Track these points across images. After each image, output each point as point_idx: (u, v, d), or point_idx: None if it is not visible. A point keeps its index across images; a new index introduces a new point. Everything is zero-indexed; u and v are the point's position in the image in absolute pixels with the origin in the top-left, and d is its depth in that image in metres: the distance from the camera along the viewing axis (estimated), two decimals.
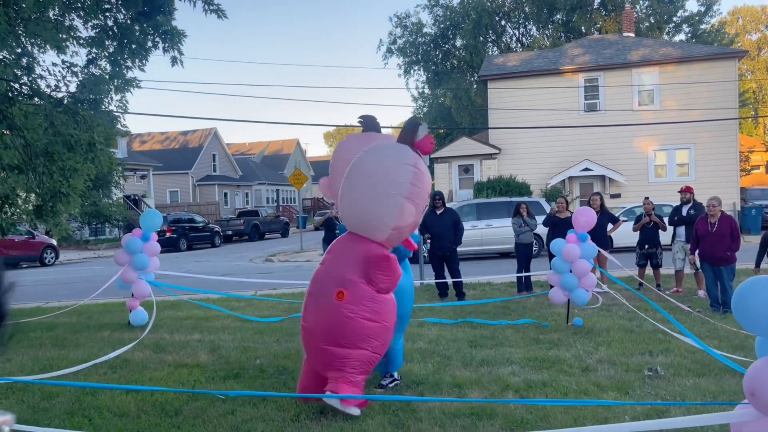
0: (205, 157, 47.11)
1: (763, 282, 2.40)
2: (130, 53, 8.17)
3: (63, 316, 9.31)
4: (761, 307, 2.36)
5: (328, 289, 4.54)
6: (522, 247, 10.49)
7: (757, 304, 2.37)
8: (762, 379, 2.25)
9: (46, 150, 9.49)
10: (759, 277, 2.44)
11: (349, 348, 4.41)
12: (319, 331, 4.50)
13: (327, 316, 4.47)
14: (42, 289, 14.74)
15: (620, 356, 6.03)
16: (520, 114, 24.26)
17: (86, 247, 30.80)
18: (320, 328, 4.50)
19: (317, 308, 4.56)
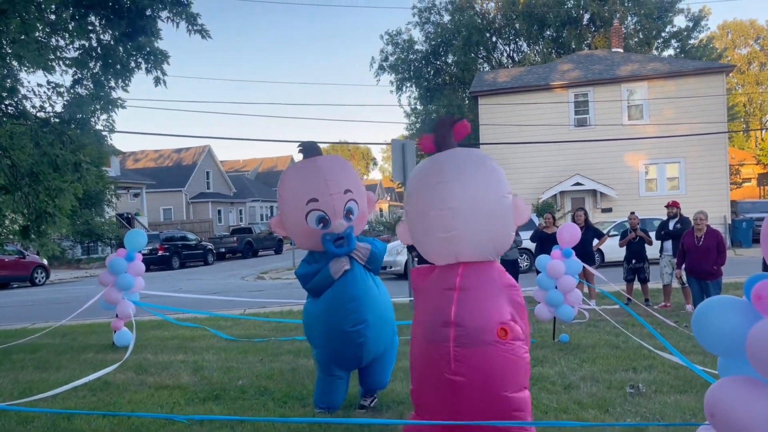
0: (198, 174, 47.11)
1: (723, 302, 2.39)
2: (114, 74, 8.19)
3: (47, 337, 9.23)
4: (722, 327, 2.35)
5: (479, 329, 3.66)
6: (508, 263, 10.43)
7: (717, 325, 2.37)
8: (721, 400, 2.23)
9: (32, 170, 9.46)
10: (719, 297, 2.44)
11: (524, 389, 3.75)
12: (487, 379, 3.63)
13: (495, 359, 3.63)
14: (31, 310, 14.64)
15: (604, 373, 6.00)
16: (511, 129, 24.39)
17: (78, 266, 30.67)
18: (491, 375, 3.62)
19: (476, 353, 3.64)
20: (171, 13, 7.86)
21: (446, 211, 3.77)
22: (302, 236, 5.08)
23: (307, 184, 4.97)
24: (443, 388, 3.72)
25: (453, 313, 3.73)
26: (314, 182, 4.94)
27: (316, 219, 4.92)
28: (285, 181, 5.15)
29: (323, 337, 5.00)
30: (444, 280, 3.91)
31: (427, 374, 3.83)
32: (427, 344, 3.81)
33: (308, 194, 4.92)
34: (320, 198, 4.89)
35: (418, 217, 3.97)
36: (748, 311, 2.35)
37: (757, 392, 2.23)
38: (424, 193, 3.91)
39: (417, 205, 3.97)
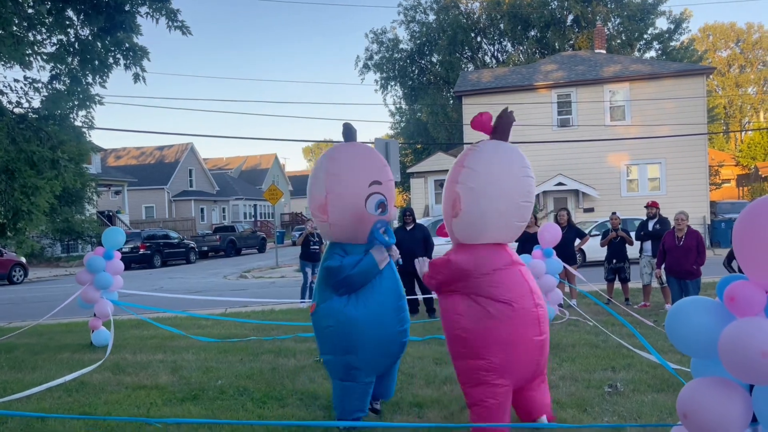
0: (181, 172, 46.71)
1: (696, 303, 2.40)
2: (92, 69, 8.08)
3: (23, 336, 9.09)
4: (694, 328, 2.36)
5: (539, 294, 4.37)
6: None
7: (690, 325, 2.38)
8: (694, 400, 2.24)
9: (7, 167, 9.30)
10: (692, 298, 2.45)
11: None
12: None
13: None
14: (7, 308, 14.41)
15: (583, 372, 6.03)
16: None
17: (57, 264, 30.28)
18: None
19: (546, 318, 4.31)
20: (150, 9, 7.78)
21: (528, 204, 4.36)
22: (350, 221, 4.58)
23: (370, 166, 4.65)
24: (532, 351, 4.15)
25: (530, 281, 4.30)
26: (376, 164, 4.69)
27: (376, 203, 4.55)
28: (341, 160, 4.65)
29: (368, 340, 4.53)
30: (500, 258, 4.26)
31: (516, 342, 4.08)
32: (514, 314, 4.08)
33: (372, 176, 4.59)
34: (383, 181, 4.63)
35: (498, 198, 4.19)
36: (721, 312, 2.36)
37: (729, 393, 2.25)
38: (509, 181, 4.26)
39: (500, 186, 4.21)
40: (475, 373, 4.10)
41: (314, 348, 7.52)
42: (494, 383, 4.04)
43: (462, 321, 4.16)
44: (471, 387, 4.15)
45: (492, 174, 4.20)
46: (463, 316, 4.16)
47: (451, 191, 4.28)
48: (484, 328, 4.06)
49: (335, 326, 4.57)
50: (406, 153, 39.54)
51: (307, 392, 5.64)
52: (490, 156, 4.28)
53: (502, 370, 4.04)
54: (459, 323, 4.17)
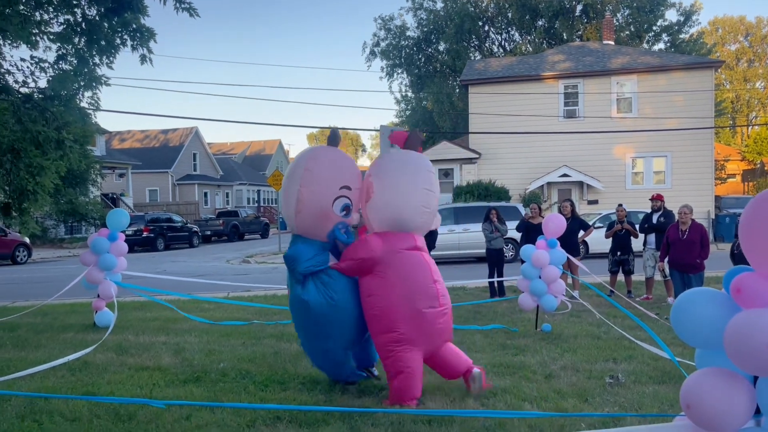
0: (185, 156, 46.71)
1: (702, 294, 2.39)
2: (99, 50, 8.05)
3: (27, 316, 9.13)
4: (700, 319, 2.36)
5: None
6: (493, 252, 10.50)
7: (696, 316, 2.37)
8: (698, 392, 2.24)
9: (13, 147, 9.32)
10: (699, 289, 2.44)
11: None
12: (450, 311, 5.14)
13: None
14: (11, 288, 14.49)
15: (584, 363, 6.04)
16: (501, 119, 24.37)
17: (61, 245, 30.37)
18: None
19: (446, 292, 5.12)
20: None
21: (431, 193, 5.09)
22: (315, 218, 4.99)
23: (345, 171, 5.13)
24: (435, 320, 4.88)
25: (429, 262, 5.10)
26: (351, 171, 5.18)
27: (342, 206, 5.05)
28: (321, 159, 5.08)
29: (334, 325, 4.98)
30: (404, 242, 4.98)
31: (419, 315, 4.80)
32: (415, 289, 4.84)
33: (344, 180, 5.07)
34: (352, 187, 5.10)
35: (406, 188, 4.96)
36: (727, 304, 2.36)
37: (733, 384, 2.25)
38: (417, 173, 5.03)
39: (407, 178, 4.99)
40: (390, 346, 4.77)
41: None
42: (406, 353, 4.75)
43: (374, 301, 4.84)
44: (389, 359, 4.80)
45: (399, 175, 5.00)
46: (375, 296, 4.84)
47: (366, 180, 5.11)
48: (391, 305, 4.77)
49: (302, 312, 5.01)
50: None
51: (309, 377, 5.66)
52: (403, 160, 5.11)
53: (411, 341, 4.77)
54: (372, 303, 4.85)
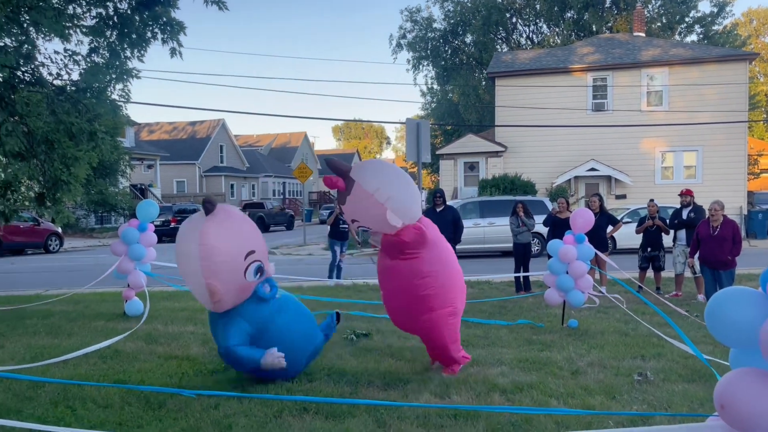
0: (212, 148, 47.19)
1: (737, 293, 2.35)
2: (130, 43, 8.16)
3: (59, 304, 9.34)
4: (736, 318, 2.32)
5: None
6: (520, 246, 10.45)
7: (731, 315, 2.33)
8: (732, 392, 2.20)
9: (47, 138, 9.50)
10: (735, 288, 2.40)
11: None
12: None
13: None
14: (44, 276, 14.83)
15: (612, 360, 5.98)
16: (528, 112, 24.15)
17: (91, 235, 30.96)
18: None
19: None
20: None
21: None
22: (235, 293, 4.85)
23: (241, 240, 4.90)
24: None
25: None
26: (245, 234, 5.00)
27: (254, 270, 4.90)
28: (213, 244, 4.75)
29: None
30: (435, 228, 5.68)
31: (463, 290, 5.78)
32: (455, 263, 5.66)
33: (246, 247, 4.88)
34: (257, 249, 4.94)
35: (408, 185, 5.43)
36: (764, 303, 2.31)
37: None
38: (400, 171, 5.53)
39: (404, 177, 5.46)
40: (448, 319, 5.38)
41: (342, 326, 7.59)
42: (458, 324, 5.59)
43: (429, 281, 5.26)
44: (446, 330, 5.37)
45: (390, 183, 5.29)
46: (430, 276, 5.26)
47: (382, 209, 5.15)
48: (446, 282, 5.36)
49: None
50: (436, 134, 39.25)
51: (335, 368, 5.70)
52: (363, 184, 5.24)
53: (459, 313, 5.58)
54: (427, 284, 5.26)
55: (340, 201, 5.46)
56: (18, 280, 14.43)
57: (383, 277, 5.55)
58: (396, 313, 5.56)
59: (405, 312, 5.43)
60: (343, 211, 5.47)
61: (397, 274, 5.34)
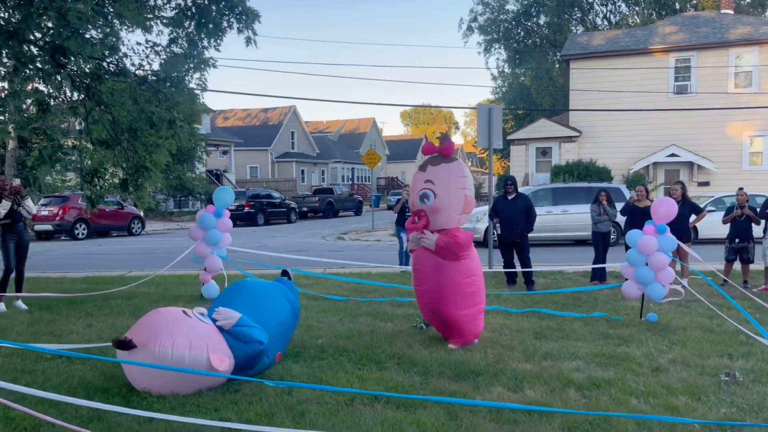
0: (284, 134, 48.12)
1: None
2: (207, 33, 8.36)
3: (142, 286, 9.76)
4: None
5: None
6: (599, 236, 10.13)
7: None
8: None
9: (131, 126, 9.92)
10: None
11: None
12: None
13: None
14: (127, 258, 15.59)
15: (696, 357, 5.69)
16: (604, 96, 23.27)
17: (171, 218, 32.28)
18: None
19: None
20: None
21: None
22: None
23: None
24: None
25: None
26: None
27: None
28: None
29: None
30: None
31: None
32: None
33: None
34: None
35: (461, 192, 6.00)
36: None
37: None
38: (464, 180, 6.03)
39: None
40: (477, 315, 6.12)
41: (411, 313, 7.59)
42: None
43: (473, 280, 6.03)
44: (472, 325, 6.08)
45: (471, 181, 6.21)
46: (474, 276, 6.05)
47: (462, 195, 5.93)
48: (481, 283, 6.20)
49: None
50: (507, 119, 38.51)
51: (405, 357, 5.68)
52: (466, 167, 6.12)
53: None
54: (471, 282, 6.01)
55: (433, 162, 5.96)
56: (104, 261, 15.22)
57: (427, 275, 6.03)
58: (435, 305, 6.09)
59: (447, 305, 5.98)
60: (424, 176, 5.97)
61: (446, 273, 5.92)
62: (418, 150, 68.29)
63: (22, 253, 8.41)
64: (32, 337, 6.63)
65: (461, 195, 5.92)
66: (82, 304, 8.43)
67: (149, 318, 4.80)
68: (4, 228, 8.23)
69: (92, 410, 4.17)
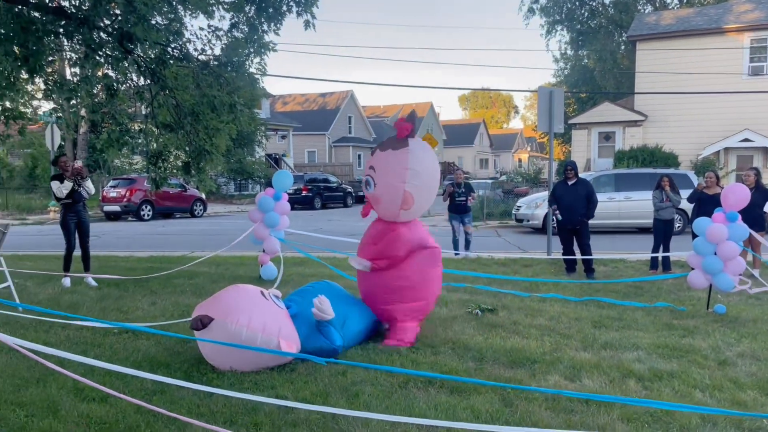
0: (341, 119, 48.41)
1: None
2: (267, 17, 8.45)
3: (203, 265, 10.05)
4: None
5: None
6: (661, 223, 9.75)
7: None
8: None
9: (193, 110, 10.18)
10: None
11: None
12: None
13: None
14: (190, 239, 16.08)
15: (766, 351, 5.42)
16: (672, 77, 22.32)
17: (231, 201, 33.08)
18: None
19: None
20: None
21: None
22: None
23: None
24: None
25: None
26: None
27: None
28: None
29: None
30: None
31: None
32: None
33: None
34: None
35: (432, 189, 5.72)
36: None
37: None
38: (436, 174, 5.73)
39: (434, 180, 5.68)
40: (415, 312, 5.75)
41: (466, 299, 7.53)
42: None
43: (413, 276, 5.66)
44: (408, 322, 5.68)
45: (428, 172, 5.56)
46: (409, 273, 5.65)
47: (399, 190, 5.39)
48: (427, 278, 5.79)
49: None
50: (569, 102, 37.48)
51: (460, 342, 5.64)
52: (424, 155, 5.52)
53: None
54: (409, 278, 5.64)
55: (382, 147, 5.59)
56: (168, 241, 15.76)
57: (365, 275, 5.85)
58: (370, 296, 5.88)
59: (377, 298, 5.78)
60: (370, 161, 5.66)
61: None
62: (475, 134, 67.54)
63: (84, 232, 8.77)
64: (101, 312, 6.94)
65: (399, 189, 5.36)
66: (147, 282, 8.76)
67: (229, 293, 4.94)
68: (66, 208, 8.60)
69: (155, 384, 4.33)
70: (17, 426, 3.81)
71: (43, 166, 30.31)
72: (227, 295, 4.92)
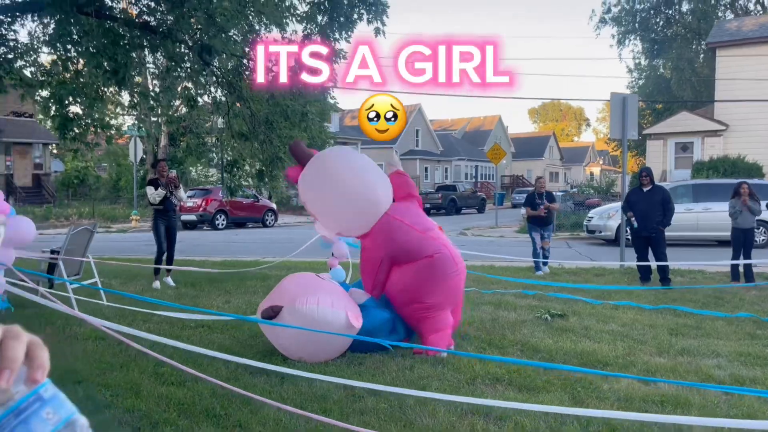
0: (408, 132, 48.63)
1: None
2: (338, 26, 8.69)
3: (274, 269, 10.34)
4: None
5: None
6: (739, 232, 9.28)
7: None
8: None
9: (267, 119, 10.54)
10: None
11: None
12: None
13: None
14: (262, 246, 16.56)
15: None
16: (755, 85, 21.29)
17: (301, 212, 33.73)
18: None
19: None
20: None
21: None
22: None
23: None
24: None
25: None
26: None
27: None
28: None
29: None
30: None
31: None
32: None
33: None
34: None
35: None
36: None
37: None
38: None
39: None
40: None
41: (536, 305, 7.42)
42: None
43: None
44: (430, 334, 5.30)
45: (320, 180, 5.89)
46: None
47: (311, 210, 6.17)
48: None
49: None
50: (644, 113, 36.30)
51: (528, 344, 5.58)
52: (314, 170, 5.84)
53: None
54: (407, 291, 5.39)
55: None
56: (241, 248, 16.28)
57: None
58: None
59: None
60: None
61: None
62: (545, 147, 66.31)
63: (172, 238, 9.20)
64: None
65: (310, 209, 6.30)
66: (222, 283, 9.10)
67: (290, 281, 5.14)
68: (158, 213, 9.06)
69: (230, 371, 4.51)
70: (104, 404, 4.05)
71: (126, 178, 31.97)
72: (287, 283, 5.11)
